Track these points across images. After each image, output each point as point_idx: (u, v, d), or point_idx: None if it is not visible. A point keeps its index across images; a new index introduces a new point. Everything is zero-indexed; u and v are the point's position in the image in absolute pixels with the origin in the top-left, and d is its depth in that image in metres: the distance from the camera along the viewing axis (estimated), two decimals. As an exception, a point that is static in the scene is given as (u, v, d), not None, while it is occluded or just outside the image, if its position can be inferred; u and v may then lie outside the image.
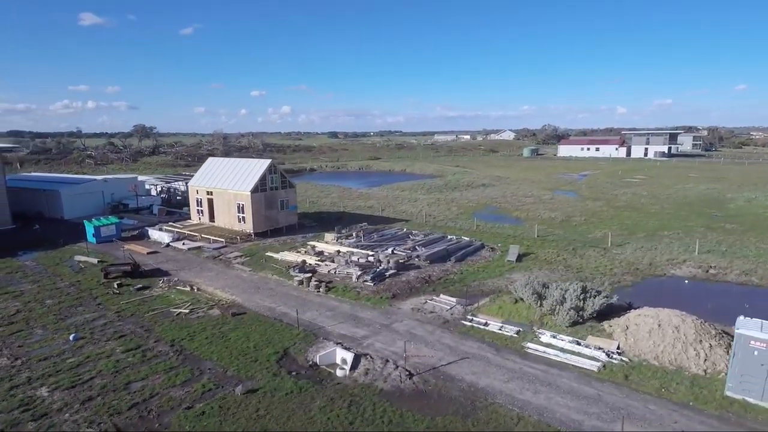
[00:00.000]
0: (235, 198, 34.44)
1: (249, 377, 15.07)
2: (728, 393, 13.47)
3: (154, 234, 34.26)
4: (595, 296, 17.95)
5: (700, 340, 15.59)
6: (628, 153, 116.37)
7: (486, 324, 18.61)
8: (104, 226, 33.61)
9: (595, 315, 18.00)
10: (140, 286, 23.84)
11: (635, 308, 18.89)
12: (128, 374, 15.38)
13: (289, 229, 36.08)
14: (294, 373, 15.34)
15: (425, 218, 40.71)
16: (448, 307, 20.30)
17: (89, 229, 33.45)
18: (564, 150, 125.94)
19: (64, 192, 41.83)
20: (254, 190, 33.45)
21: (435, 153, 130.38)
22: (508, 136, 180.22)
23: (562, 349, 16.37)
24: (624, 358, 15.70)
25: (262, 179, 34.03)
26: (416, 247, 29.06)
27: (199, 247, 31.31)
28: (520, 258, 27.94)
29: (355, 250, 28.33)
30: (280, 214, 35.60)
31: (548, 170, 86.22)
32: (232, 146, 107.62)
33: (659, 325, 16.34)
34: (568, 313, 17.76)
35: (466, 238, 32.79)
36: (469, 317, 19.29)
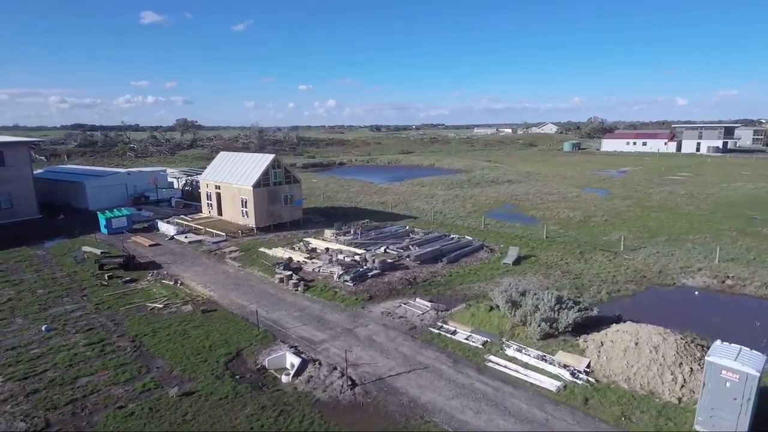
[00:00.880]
0: (239, 193, 34.67)
1: (191, 378, 14.83)
2: (697, 427, 11.86)
3: (162, 226, 35.09)
4: (570, 308, 16.43)
5: (680, 363, 13.89)
6: (679, 148, 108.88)
7: (454, 332, 17.53)
8: (115, 218, 34.76)
9: (570, 329, 16.51)
10: (128, 279, 24.33)
11: (624, 321, 17.24)
12: (80, 369, 15.54)
13: (293, 224, 35.96)
14: (238, 377, 14.97)
15: (434, 216, 39.50)
16: (421, 312, 19.32)
17: (101, 221, 34.71)
18: (608, 144, 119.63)
19: (88, 184, 43.71)
20: (256, 185, 33.49)
21: (470, 147, 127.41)
22: (550, 129, 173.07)
23: (525, 365, 15.09)
24: (591, 379, 14.24)
25: (265, 174, 34.00)
26: (410, 246, 28.09)
27: (200, 241, 31.73)
28: (518, 260, 26.40)
29: (344, 248, 27.75)
30: (284, 209, 35.51)
31: (585, 166, 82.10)
32: (267, 140, 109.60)
33: (636, 344, 14.72)
34: (539, 325, 16.38)
35: (469, 237, 31.47)
36: (439, 324, 18.27)
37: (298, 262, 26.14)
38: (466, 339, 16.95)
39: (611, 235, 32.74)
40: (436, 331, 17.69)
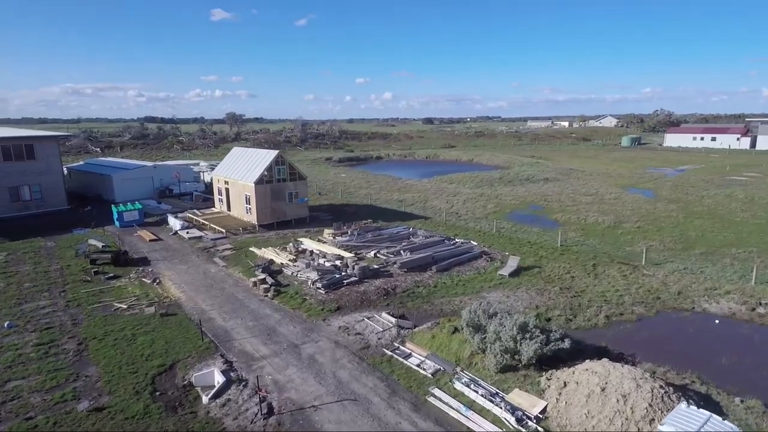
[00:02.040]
0: (244, 189, 34.24)
1: (111, 392, 14.10)
2: None
3: (171, 221, 35.40)
4: (534, 338, 14.09)
5: (652, 420, 11.34)
6: (753, 144, 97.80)
7: (408, 356, 15.72)
8: (127, 212, 35.48)
9: (534, 362, 14.19)
10: (112, 275, 24.37)
11: (602, 357, 14.70)
12: (16, 371, 15.29)
13: (298, 222, 35.12)
14: (158, 393, 14.07)
15: (447, 217, 37.22)
16: (381, 330, 17.61)
17: (114, 214, 35.55)
18: (671, 139, 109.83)
19: (115, 177, 45.24)
20: (259, 182, 32.86)
21: (517, 142, 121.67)
22: (609, 122, 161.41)
23: (471, 403, 13.05)
24: (540, 429, 12.00)
25: (268, 171, 33.28)
26: (401, 251, 26.26)
27: (200, 237, 31.60)
28: (517, 272, 23.87)
29: (333, 250, 26.40)
30: (288, 206, 34.70)
31: (640, 163, 75.54)
32: (310, 133, 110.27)
33: (603, 389, 12.26)
34: (496, 356, 14.20)
35: (474, 243, 29.14)
36: (395, 344, 16.50)
37: (281, 264, 25.12)
38: (418, 365, 15.09)
39: (638, 244, 29.10)
40: (389, 353, 15.94)
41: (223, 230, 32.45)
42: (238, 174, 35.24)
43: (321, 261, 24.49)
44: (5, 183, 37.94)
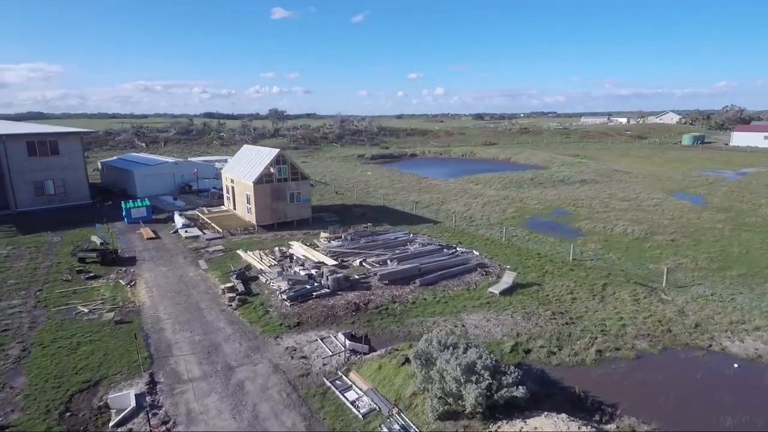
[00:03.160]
0: (245, 188, 33.45)
1: (24, 408, 13.29)
2: None
3: (176, 219, 35.27)
4: (481, 381, 11.80)
5: (598, 507, 8.88)
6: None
7: (347, 389, 13.88)
8: (135, 208, 35.71)
9: (481, 410, 11.90)
10: (94, 275, 24.13)
11: (581, 405, 12.19)
12: (-53, 378, 14.91)
13: (300, 223, 33.94)
14: (69, 414, 13.09)
15: (458, 221, 34.72)
16: (331, 354, 15.85)
17: (123, 210, 35.90)
18: (739, 138, 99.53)
19: (137, 172, 46.10)
20: (258, 181, 31.92)
21: (564, 139, 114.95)
22: (671, 119, 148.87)
23: (392, 457, 11.06)
24: (462, 501, 9.83)
25: (268, 170, 32.26)
26: (389, 260, 24.29)
27: (197, 237, 31.10)
28: (510, 290, 21.29)
29: (317, 256, 24.86)
30: (289, 207, 33.55)
31: (698, 164, 68.66)
32: (348, 130, 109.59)
33: (546, 458, 9.89)
34: (434, 401, 12.07)
35: (475, 252, 26.69)
36: (340, 373, 14.70)
37: (260, 270, 23.90)
38: (353, 402, 13.22)
39: (666, 261, 25.49)
40: (329, 383, 14.17)
41: (221, 231, 31.80)
42: (242, 173, 34.52)
43: (296, 269, 23.02)
44: (30, 177, 39.39)
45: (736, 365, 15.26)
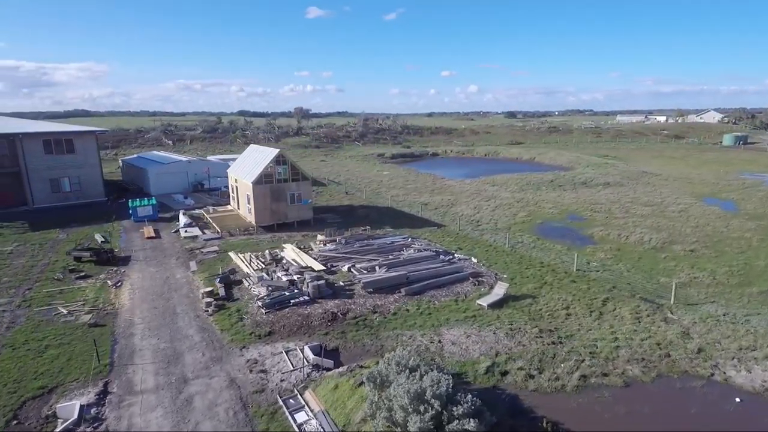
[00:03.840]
0: (245, 188, 33.16)
1: (-29, 416, 13.10)
2: None
3: (180, 218, 35.35)
4: (425, 412, 10.71)
5: None
6: None
7: (299, 410, 13.05)
8: (141, 207, 36.00)
9: (428, 443, 10.82)
10: (84, 274, 24.22)
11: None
12: None
13: (301, 224, 33.37)
14: (16, 422, 12.81)
15: (464, 225, 33.36)
16: (292, 368, 15.05)
17: (129, 209, 36.27)
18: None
19: (150, 171, 46.75)
20: (257, 182, 31.53)
21: (595, 138, 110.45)
22: (712, 117, 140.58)
23: (325, 492, 10.14)
24: None
25: (267, 170, 31.82)
26: (377, 267, 23.31)
27: (195, 237, 31.00)
28: (501, 302, 19.95)
29: (305, 260, 24.13)
30: (290, 208, 33.02)
31: (736, 166, 64.40)
32: (371, 128, 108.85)
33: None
34: (379, 430, 11.06)
35: (474, 260, 25.40)
36: (296, 391, 13.88)
37: (247, 274, 23.38)
38: (300, 425, 12.38)
39: (679, 275, 23.48)
40: (281, 402, 13.37)
41: (219, 231, 31.59)
42: (244, 172, 34.25)
43: (280, 274, 22.35)
44: (47, 175, 40.39)
45: (738, 399, 13.54)
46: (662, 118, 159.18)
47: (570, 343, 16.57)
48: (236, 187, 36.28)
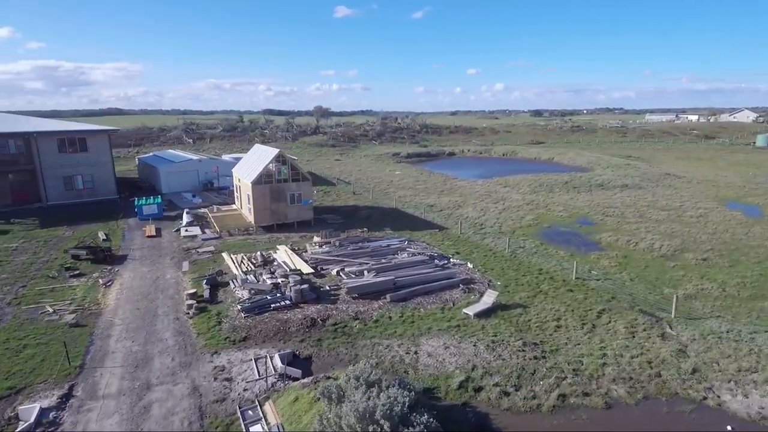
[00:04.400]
0: (246, 188, 33.08)
1: (-66, 417, 13.15)
2: None
3: (184, 216, 35.55)
4: (373, 435, 10.08)
5: None
6: None
7: (255, 422, 12.62)
8: (146, 205, 36.34)
9: (375, 466, 10.20)
10: (79, 273, 24.46)
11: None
12: None
13: (301, 224, 33.06)
14: (-25, 425, 12.81)
15: (466, 228, 32.44)
16: (257, 377, 14.63)
17: (135, 207, 36.67)
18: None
19: (161, 169, 47.35)
20: (257, 182, 31.37)
21: (620, 138, 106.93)
22: (746, 117, 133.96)
23: None
24: None
25: (267, 170, 31.64)
26: (365, 271, 22.73)
27: (194, 236, 31.06)
28: (488, 311, 19.10)
29: (292, 263, 23.74)
30: (290, 208, 32.76)
31: (766, 168, 61.12)
32: (388, 127, 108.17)
33: None
34: (325, 450, 10.50)
35: (470, 265, 24.62)
36: (257, 402, 13.46)
37: (235, 276, 23.14)
38: (254, 438, 11.94)
39: (687, 285, 22.09)
40: (239, 414, 12.96)
41: (219, 230, 31.58)
42: (245, 172, 34.18)
43: (265, 277, 22.01)
44: (60, 173, 41.29)
45: (729, 428, 12.42)
46: (694, 117, 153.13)
47: (554, 358, 15.64)
48: (239, 186, 36.28)
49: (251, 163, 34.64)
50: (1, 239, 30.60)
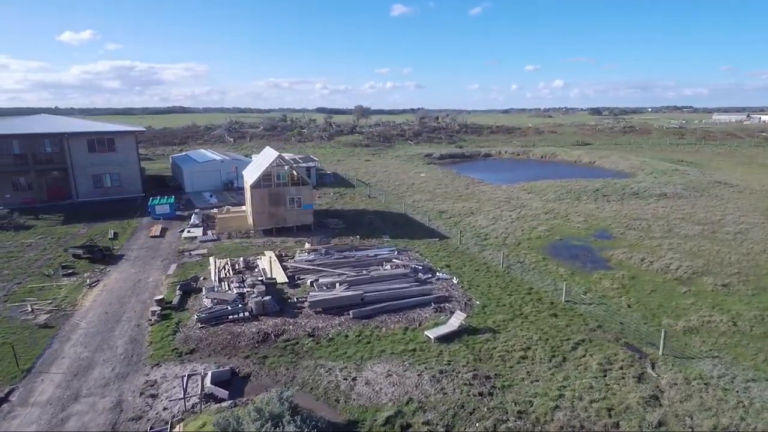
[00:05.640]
0: (248, 191, 33.18)
1: None
2: None
3: (192, 217, 36.28)
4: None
5: None
6: None
7: (160, 445, 12.18)
8: (159, 205, 37.42)
9: None
10: (72, 271, 25.35)
11: None
12: None
13: (301, 229, 32.75)
14: None
15: (465, 239, 30.78)
16: (181, 396, 14.21)
17: (148, 206, 37.84)
18: None
19: (185, 169, 48.80)
20: (255, 185, 31.38)
21: (677, 140, 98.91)
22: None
23: None
24: None
25: (266, 174, 31.53)
26: (337, 284, 21.88)
27: (193, 238, 31.51)
28: (452, 336, 17.74)
29: (269, 270, 23.31)
30: (289, 212, 32.49)
31: (841, 178, 54.19)
32: (426, 126, 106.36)
33: None
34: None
35: (455, 281, 23.20)
36: (167, 425, 13.02)
37: (210, 282, 23.07)
38: (149, 464, 11.49)
39: (693, 316, 19.51)
40: (148, 435, 12.60)
41: (219, 232, 31.87)
42: (250, 175, 34.31)
43: (234, 286, 21.70)
44: (90, 171, 43.50)
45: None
46: (767, 117, 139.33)
47: (502, 396, 14.13)
48: (246, 188, 36.53)
49: (256, 166, 34.71)
50: (22, 235, 32.45)
